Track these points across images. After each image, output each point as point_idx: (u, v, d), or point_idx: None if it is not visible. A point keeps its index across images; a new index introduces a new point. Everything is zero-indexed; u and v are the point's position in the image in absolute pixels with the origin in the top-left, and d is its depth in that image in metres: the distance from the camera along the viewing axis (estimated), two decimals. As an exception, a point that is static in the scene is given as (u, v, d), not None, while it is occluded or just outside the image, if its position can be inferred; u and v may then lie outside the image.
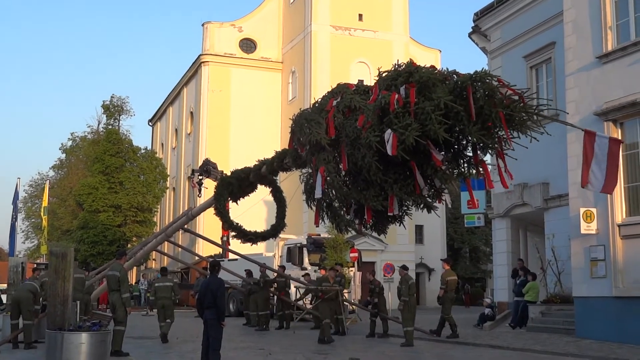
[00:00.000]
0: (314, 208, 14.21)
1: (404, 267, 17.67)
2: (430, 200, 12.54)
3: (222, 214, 16.81)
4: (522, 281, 20.38)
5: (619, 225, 16.12)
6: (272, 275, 23.36)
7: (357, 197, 12.48)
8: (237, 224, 17.34)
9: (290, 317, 22.80)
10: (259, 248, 34.36)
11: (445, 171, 11.63)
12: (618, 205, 16.18)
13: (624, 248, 16.05)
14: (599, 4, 16.96)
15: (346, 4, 43.43)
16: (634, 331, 15.11)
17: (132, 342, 15.34)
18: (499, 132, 11.29)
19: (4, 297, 18.39)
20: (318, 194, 12.75)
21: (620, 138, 16.32)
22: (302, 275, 24.09)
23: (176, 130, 57.01)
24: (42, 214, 33.99)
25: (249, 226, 17.89)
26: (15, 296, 15.23)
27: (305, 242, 27.21)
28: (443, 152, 11.50)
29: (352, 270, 26.52)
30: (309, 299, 23.47)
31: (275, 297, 23.53)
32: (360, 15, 43.63)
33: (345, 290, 22.01)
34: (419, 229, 44.92)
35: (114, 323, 13.89)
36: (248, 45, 48.15)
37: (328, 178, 12.30)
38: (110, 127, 47.37)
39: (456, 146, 12.11)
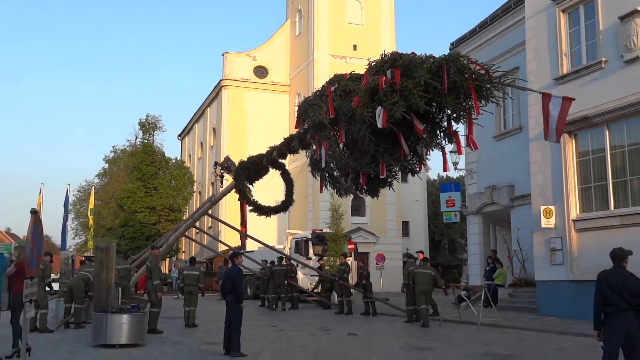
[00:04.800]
0: (318, 178, 14.65)
1: (411, 256, 17.75)
2: (413, 165, 13.02)
3: (242, 191, 17.16)
4: (492, 267, 20.39)
5: (574, 220, 16.08)
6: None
7: (353, 165, 12.91)
8: (254, 199, 17.69)
9: (298, 299, 22.72)
10: (271, 241, 34.49)
11: (425, 139, 11.96)
12: (573, 203, 16.14)
13: (578, 240, 16.02)
14: (556, 34, 16.96)
15: (343, 36, 43.40)
16: (587, 309, 14.91)
17: (166, 322, 15.31)
18: (469, 102, 11.60)
19: (55, 286, 18.25)
20: (323, 164, 13.24)
21: (574, 146, 16.32)
22: (318, 262, 23.94)
23: (201, 143, 57.00)
24: (88, 214, 33.94)
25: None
26: (70, 284, 15.21)
27: (310, 236, 27.19)
28: (424, 124, 11.81)
29: (349, 259, 26.49)
30: (319, 286, 23.38)
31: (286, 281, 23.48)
32: (355, 46, 43.54)
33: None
34: (405, 225, 44.81)
35: (150, 305, 13.90)
36: (261, 71, 48.09)
37: (330, 151, 12.72)
38: (145, 141, 47.28)
39: (433, 116, 12.45)
